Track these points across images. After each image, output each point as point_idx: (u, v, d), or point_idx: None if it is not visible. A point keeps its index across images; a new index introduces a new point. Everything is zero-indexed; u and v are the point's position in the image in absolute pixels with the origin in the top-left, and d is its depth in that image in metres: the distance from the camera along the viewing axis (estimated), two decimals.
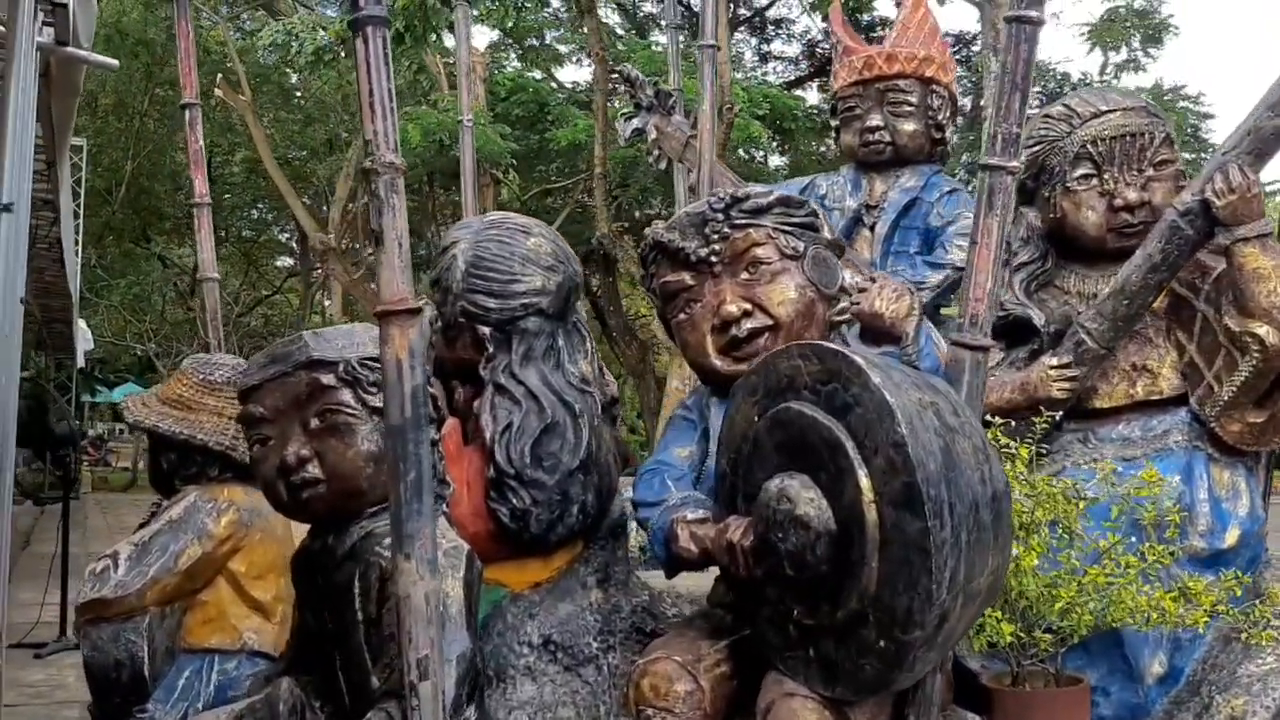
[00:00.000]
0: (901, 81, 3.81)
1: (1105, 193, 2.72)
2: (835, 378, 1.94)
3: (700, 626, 2.36)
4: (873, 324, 2.28)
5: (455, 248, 2.67)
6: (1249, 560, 2.53)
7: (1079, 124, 2.74)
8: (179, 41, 3.73)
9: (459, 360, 2.73)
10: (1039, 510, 2.23)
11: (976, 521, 1.81)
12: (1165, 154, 2.73)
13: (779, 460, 2.04)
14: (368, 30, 1.85)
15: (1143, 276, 2.58)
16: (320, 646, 2.40)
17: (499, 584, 2.76)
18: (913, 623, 1.80)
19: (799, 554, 1.94)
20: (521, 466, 2.57)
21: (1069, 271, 2.84)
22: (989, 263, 2.00)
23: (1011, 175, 2.00)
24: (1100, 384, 2.73)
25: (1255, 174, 2.45)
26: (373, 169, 1.84)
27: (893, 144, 3.85)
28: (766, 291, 2.43)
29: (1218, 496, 2.55)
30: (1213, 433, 2.57)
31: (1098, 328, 2.63)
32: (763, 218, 2.47)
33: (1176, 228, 2.53)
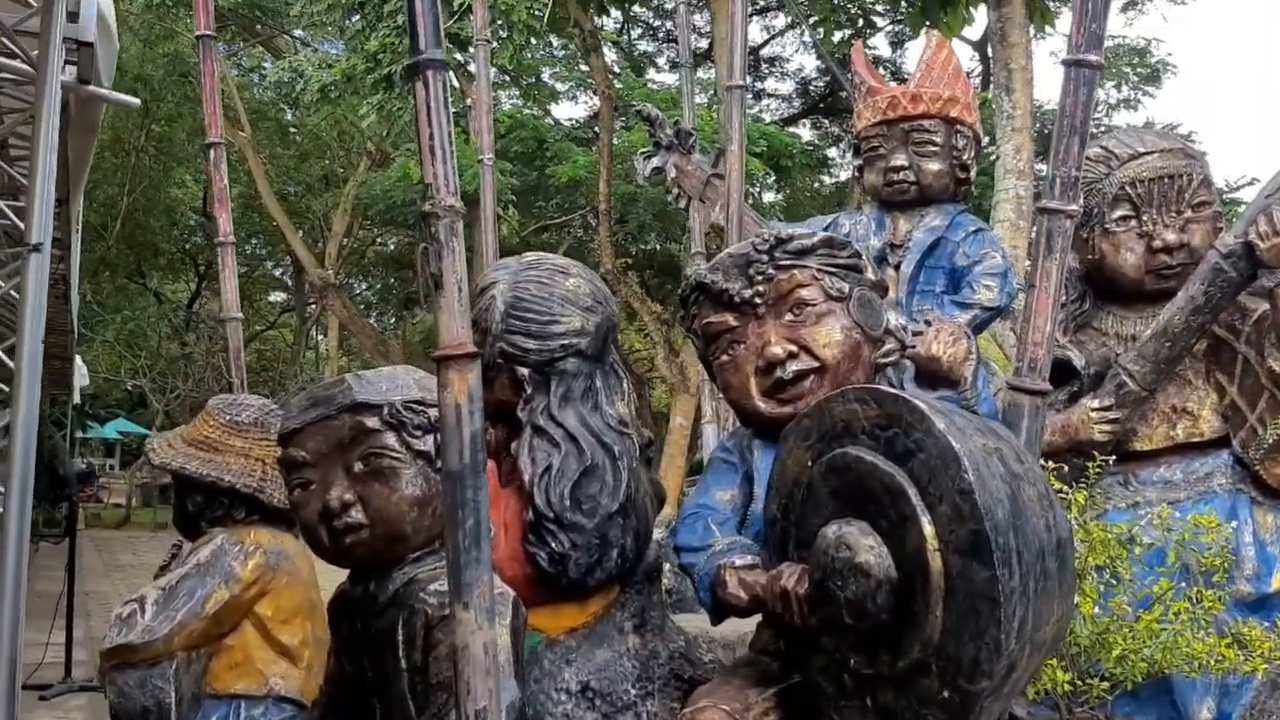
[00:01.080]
0: (926, 121, 3.82)
1: (1144, 234, 2.72)
2: (896, 422, 1.92)
3: (746, 674, 2.33)
4: (929, 367, 2.27)
5: (494, 288, 2.66)
6: None
7: (1117, 166, 2.75)
8: (204, 81, 3.73)
9: (496, 402, 2.70)
10: (1090, 556, 2.20)
11: (1043, 570, 1.79)
12: (1203, 195, 2.73)
13: (835, 506, 2.01)
14: (427, 74, 1.84)
15: (1184, 318, 2.57)
16: (358, 694, 2.36)
17: (535, 629, 2.72)
18: (980, 673, 1.76)
19: (859, 602, 1.90)
20: (561, 510, 2.54)
21: (1106, 313, 2.84)
22: (1048, 306, 1.99)
23: (1070, 219, 1.99)
24: (1140, 426, 2.72)
25: None
26: (433, 212, 1.82)
27: (917, 183, 3.85)
28: (812, 333, 2.41)
29: (1262, 540, 2.53)
30: (1256, 475, 2.56)
31: (1140, 370, 2.62)
32: (807, 259, 2.46)
33: (1220, 269, 2.53)
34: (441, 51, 1.88)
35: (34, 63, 3.22)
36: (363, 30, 10.31)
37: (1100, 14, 1.92)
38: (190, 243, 28.63)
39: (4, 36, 3.11)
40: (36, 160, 3.00)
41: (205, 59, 3.74)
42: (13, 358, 2.86)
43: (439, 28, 1.88)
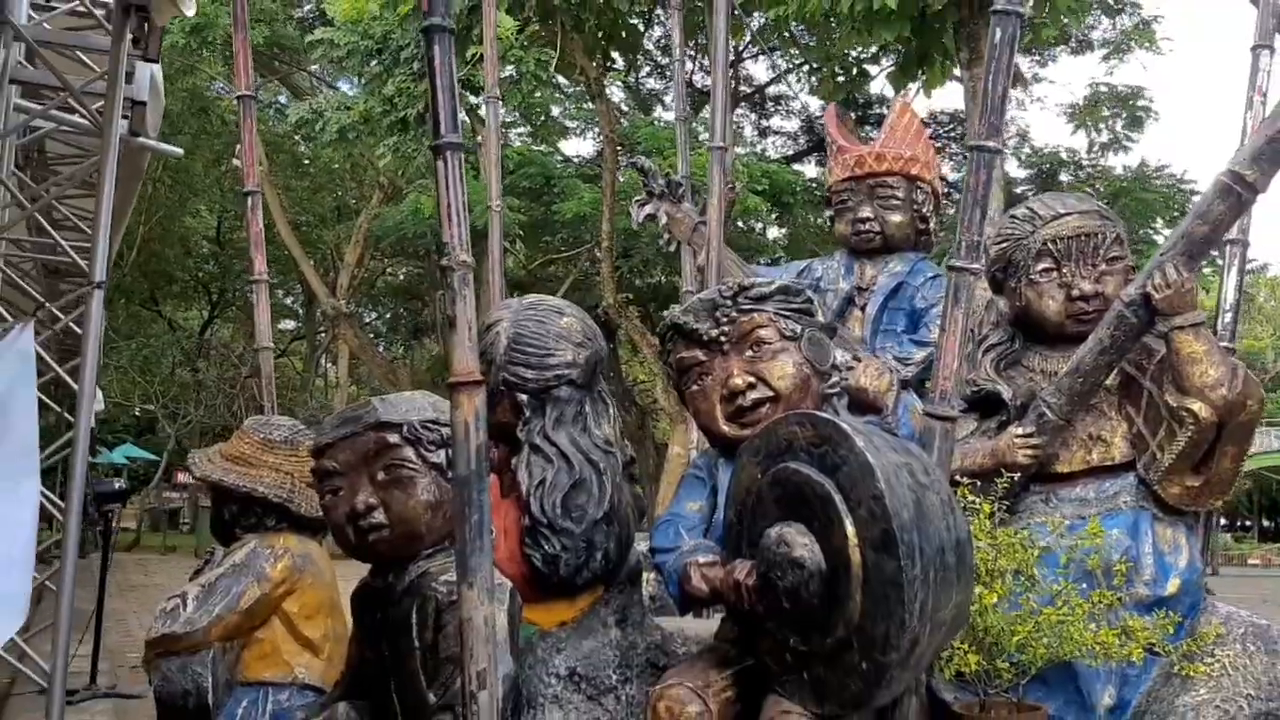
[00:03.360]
0: (889, 178, 4.25)
1: (1064, 284, 3.12)
2: (827, 441, 2.32)
3: (709, 658, 2.72)
4: (858, 397, 2.66)
5: (498, 325, 3.07)
6: (1190, 606, 2.89)
7: (1040, 224, 3.15)
8: (243, 135, 4.17)
9: (498, 424, 3.11)
10: (1001, 559, 2.60)
11: (943, 562, 2.18)
12: (1116, 251, 3.13)
13: (778, 512, 2.41)
14: (446, 154, 2.27)
15: (1094, 358, 2.97)
16: (377, 676, 2.75)
17: (530, 622, 3.11)
18: (890, 646, 2.16)
19: (795, 590, 2.30)
20: (554, 517, 2.94)
21: (1034, 352, 3.23)
22: (955, 347, 2.39)
23: (974, 276, 2.40)
24: (1061, 451, 3.10)
25: (1189, 271, 2.85)
26: (449, 266, 2.25)
27: (882, 233, 4.28)
28: (768, 367, 2.83)
29: (1161, 550, 2.91)
30: (1156, 494, 2.94)
31: (1057, 402, 3.02)
32: (765, 304, 2.87)
33: (1123, 316, 2.93)
34: (459, 135, 2.31)
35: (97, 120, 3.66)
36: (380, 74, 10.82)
37: (998, 110, 2.34)
38: (203, 271, 29.16)
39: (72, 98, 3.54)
40: (101, 206, 3.42)
41: (245, 117, 4.18)
42: (75, 378, 3.25)
43: (456, 115, 2.32)
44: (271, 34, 16.43)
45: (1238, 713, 2.65)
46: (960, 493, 2.69)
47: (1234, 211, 2.81)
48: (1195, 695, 2.70)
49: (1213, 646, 2.78)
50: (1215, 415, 2.80)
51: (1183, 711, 2.67)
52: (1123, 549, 2.88)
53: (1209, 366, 2.82)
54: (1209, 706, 2.66)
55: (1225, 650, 2.77)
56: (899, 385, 2.70)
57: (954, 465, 3.09)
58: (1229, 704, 2.66)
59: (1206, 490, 2.90)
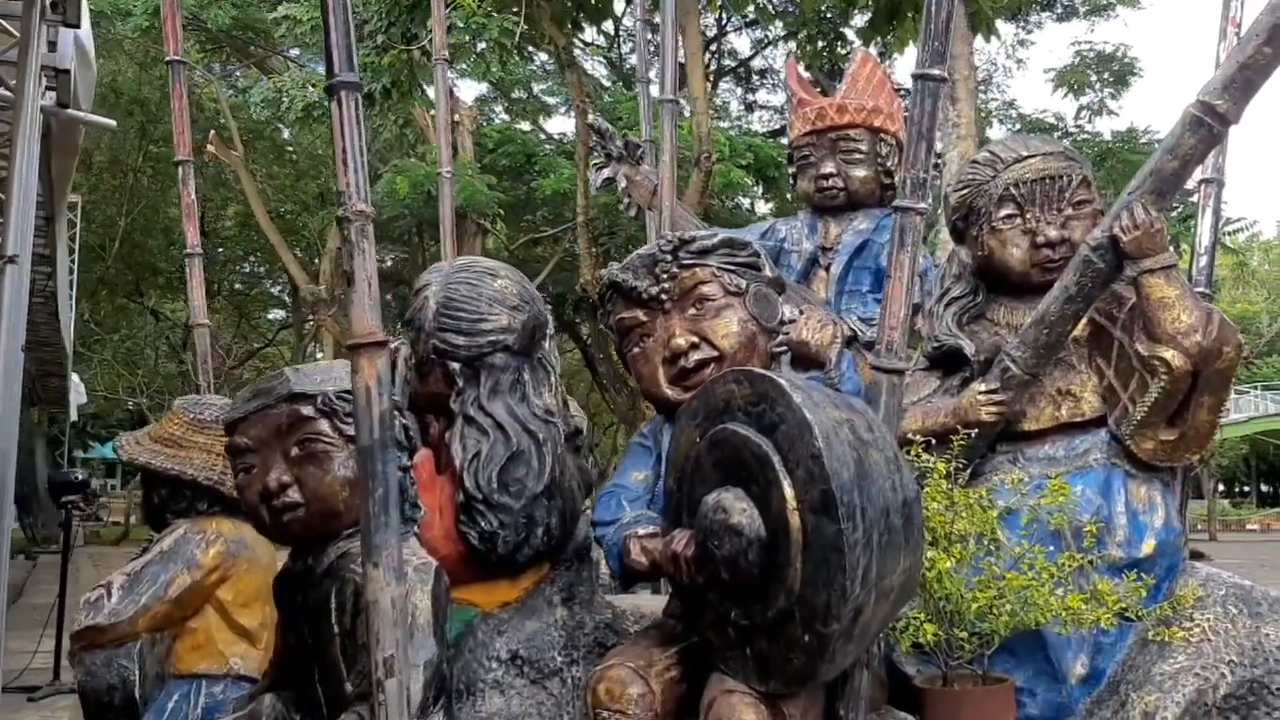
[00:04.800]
0: (852, 131, 4.06)
1: (1028, 231, 2.94)
2: (764, 399, 2.15)
3: (654, 635, 2.55)
4: (800, 351, 2.49)
5: (427, 290, 2.89)
6: (1167, 568, 2.72)
7: (1002, 169, 2.97)
8: (173, 103, 3.97)
9: (431, 395, 2.93)
10: (959, 521, 2.42)
11: (888, 525, 2.01)
12: (1083, 194, 2.95)
13: (717, 476, 2.24)
14: (341, 94, 2.08)
15: (1060, 307, 2.78)
16: (300, 662, 2.58)
17: (470, 604, 2.94)
18: (831, 616, 1.99)
19: (733, 559, 2.13)
20: (489, 492, 2.76)
21: (998, 304, 3.05)
22: (901, 295, 2.21)
23: (920, 215, 2.22)
24: (1029, 408, 2.92)
25: (1158, 211, 2.67)
26: (345, 217, 2.06)
27: (845, 189, 4.09)
28: (712, 326, 2.65)
29: (1135, 510, 2.74)
30: (1129, 450, 2.76)
31: (1022, 355, 2.84)
32: (708, 258, 2.69)
33: (1089, 262, 2.75)
34: (355, 74, 2.12)
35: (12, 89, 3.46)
36: None
37: (941, 34, 2.15)
38: None
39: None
40: (12, 178, 3.23)
41: (175, 83, 3.98)
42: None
43: (352, 54, 2.13)
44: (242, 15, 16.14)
45: (1219, 680, 2.48)
46: (913, 451, 2.52)
47: (1205, 145, 2.62)
48: (1173, 662, 2.53)
49: (1191, 610, 2.61)
50: (1189, 363, 2.62)
51: (1160, 680, 2.50)
52: (1093, 509, 2.71)
53: (1181, 312, 2.64)
54: (1188, 674, 2.49)
55: (1205, 614, 2.60)
56: (844, 339, 2.52)
57: (915, 425, 2.93)
58: (1209, 671, 2.49)
59: (1182, 444, 2.73)
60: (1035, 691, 2.61)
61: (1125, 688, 2.56)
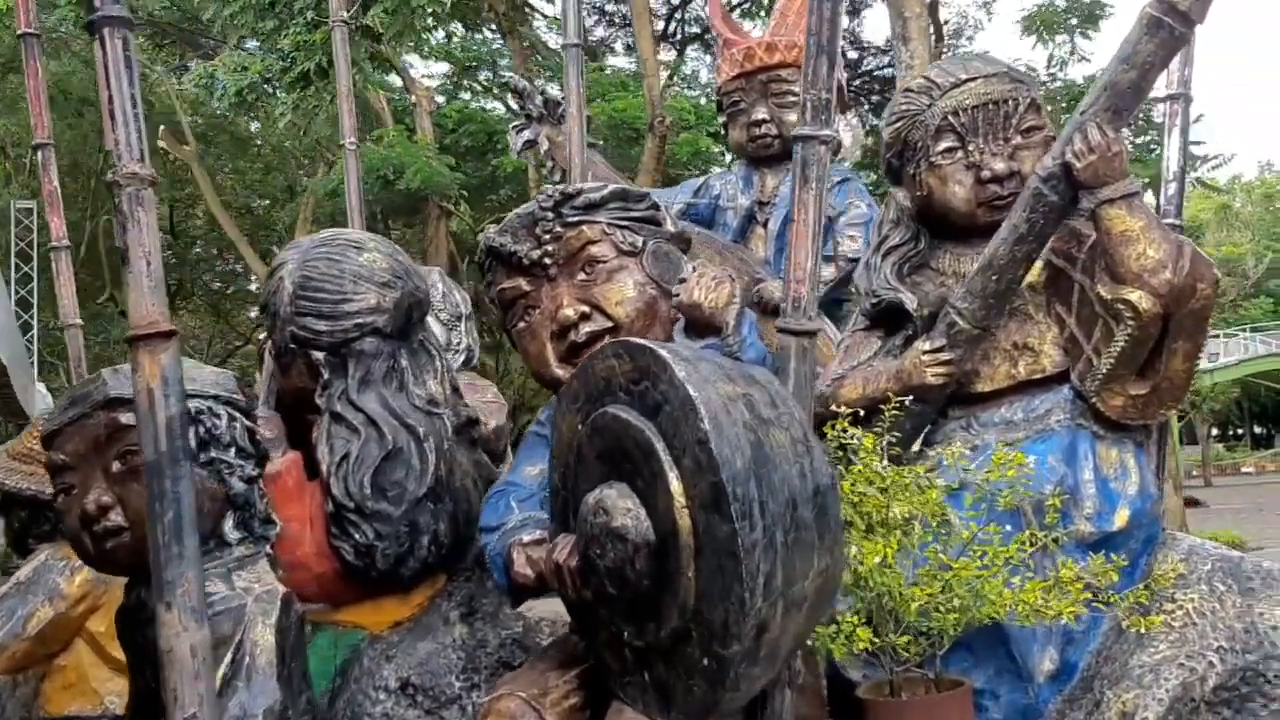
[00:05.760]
0: (783, 71, 3.69)
1: (971, 165, 2.57)
2: (645, 375, 1.78)
3: (553, 657, 2.19)
4: (692, 315, 2.13)
5: (283, 269, 2.52)
6: (1144, 541, 2.37)
7: (939, 95, 2.60)
8: (28, 81, 3.58)
9: (295, 389, 2.57)
10: (896, 504, 2.06)
11: (795, 520, 1.65)
12: (1032, 120, 2.58)
13: (601, 470, 1.88)
14: (105, 32, 1.70)
15: (1009, 249, 2.43)
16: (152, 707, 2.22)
17: (357, 626, 2.59)
18: (730, 635, 1.63)
19: (618, 569, 1.77)
20: (362, 499, 2.40)
21: (943, 251, 2.69)
22: (808, 241, 1.85)
23: (824, 144, 1.85)
24: (982, 366, 2.57)
25: (1115, 131, 2.31)
26: (115, 181, 1.69)
27: (780, 136, 3.73)
28: (604, 291, 2.28)
29: (1105, 476, 2.39)
30: (1096, 409, 2.41)
31: (968, 306, 2.48)
32: (597, 213, 2.32)
33: (1040, 194, 2.38)
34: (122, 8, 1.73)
35: None
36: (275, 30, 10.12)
37: None
38: None
39: None
40: None
41: (29, 59, 3.58)
42: None
43: None
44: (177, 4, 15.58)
45: (1207, 671, 2.13)
46: (839, 425, 2.16)
47: (1166, 50, 2.25)
48: (1154, 652, 2.18)
49: (1173, 590, 2.26)
50: (1159, 305, 2.26)
51: (1139, 674, 2.15)
52: (1056, 478, 2.35)
53: (1147, 246, 2.28)
54: (1171, 665, 2.14)
55: (1189, 593, 2.24)
56: (742, 298, 2.15)
57: (855, 393, 2.58)
58: (1195, 660, 2.14)
59: (1155, 399, 2.37)
60: (998, 693, 2.27)
61: (1100, 683, 2.21)
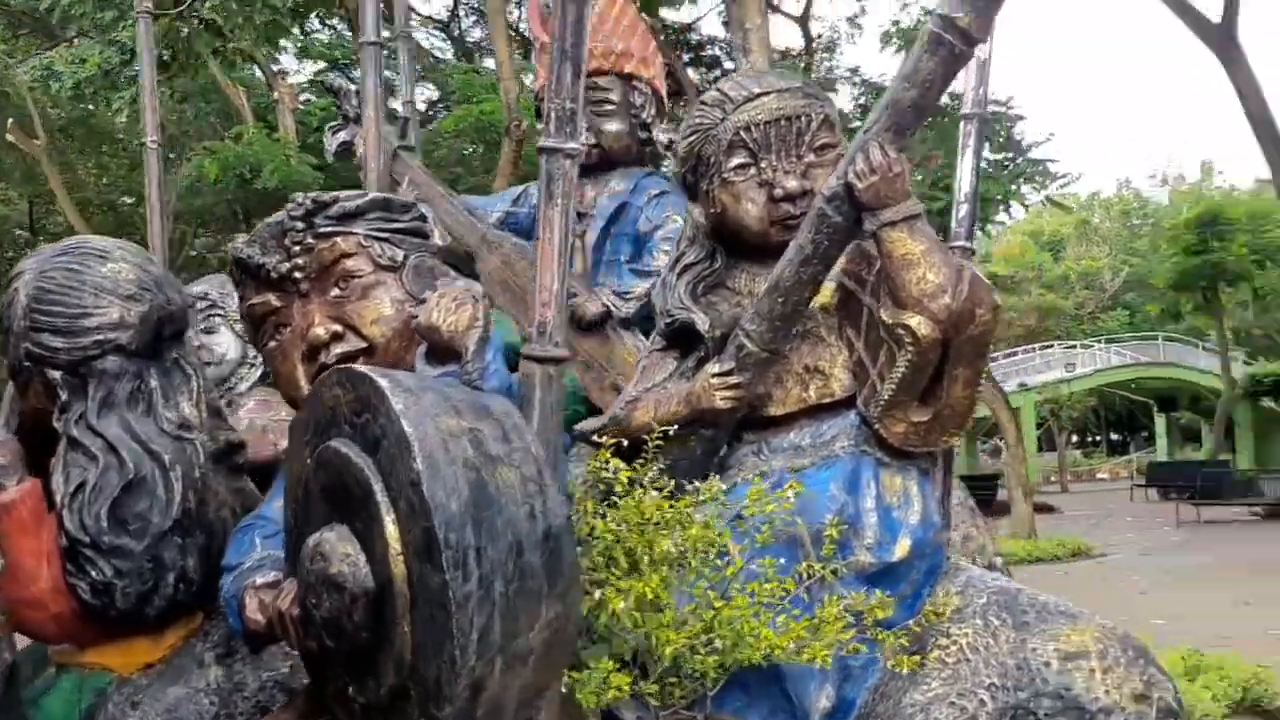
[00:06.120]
0: (600, 79, 3.58)
1: (764, 183, 2.50)
2: (366, 406, 1.64)
3: (296, 707, 2.03)
4: (430, 339, 2.00)
5: (19, 280, 2.30)
6: (926, 572, 2.32)
7: (731, 110, 2.52)
8: None
9: (34, 411, 2.35)
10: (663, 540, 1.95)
11: (519, 567, 1.53)
12: (826, 137, 2.52)
13: (325, 509, 1.73)
14: None
15: (795, 271, 2.35)
16: None
17: (104, 668, 2.38)
18: (443, 696, 1.50)
19: (334, 621, 1.62)
20: (98, 533, 2.20)
21: (740, 271, 2.61)
22: (554, 261, 1.73)
23: (570, 158, 1.73)
24: (775, 389, 2.50)
25: (897, 151, 2.25)
26: None
27: (598, 145, 3.62)
28: (358, 309, 2.13)
29: (888, 505, 2.33)
30: (880, 435, 2.35)
31: (756, 329, 2.40)
32: (353, 224, 2.17)
33: (824, 215, 2.32)
34: None
35: None
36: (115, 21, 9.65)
37: None
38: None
39: None
40: None
41: None
42: None
43: None
44: None
45: (978, 709, 2.07)
46: (602, 456, 2.04)
47: (947, 68, 2.20)
48: (927, 689, 2.12)
49: (948, 624, 2.21)
50: (938, 331, 2.21)
51: (910, 713, 2.08)
52: (837, 507, 2.28)
53: (928, 270, 2.23)
54: (942, 704, 2.08)
55: (963, 628, 2.19)
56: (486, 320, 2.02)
57: (646, 417, 2.49)
58: (967, 699, 2.08)
59: (937, 425, 2.32)
60: None
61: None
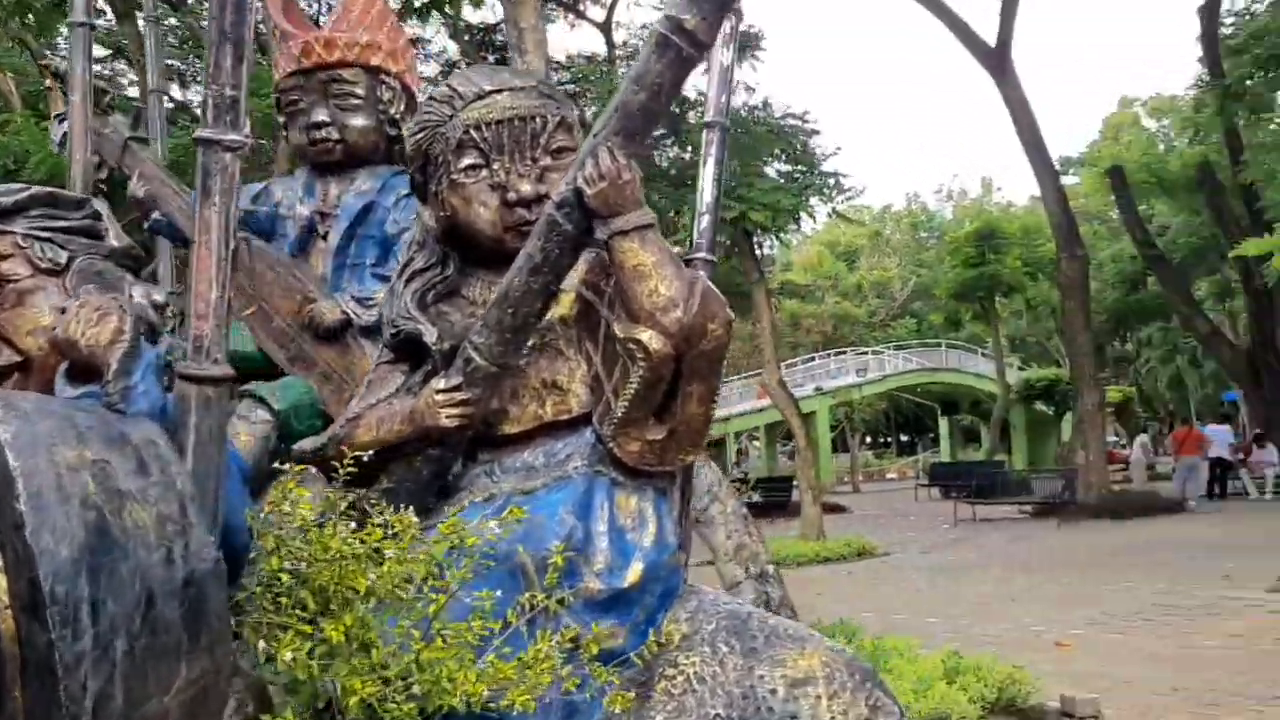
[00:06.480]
0: (345, 71, 3.37)
1: (497, 186, 2.36)
2: None
3: None
4: (70, 355, 1.77)
5: None
6: (661, 596, 2.22)
7: (461, 106, 2.37)
8: None
9: None
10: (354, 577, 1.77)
11: (150, 621, 1.32)
12: (563, 140, 2.39)
13: None
14: None
15: (524, 280, 2.22)
16: None
17: None
18: None
19: None
20: None
21: (475, 279, 2.46)
22: (211, 268, 1.53)
23: (231, 151, 1.54)
24: (511, 406, 2.36)
25: (627, 157, 2.15)
26: None
27: (343, 141, 3.41)
28: (11, 318, 1.86)
29: (621, 527, 2.22)
30: (615, 454, 2.24)
31: (484, 341, 2.25)
32: (11, 222, 1.90)
33: (554, 222, 2.19)
34: None
35: None
36: None
37: None
38: None
39: None
40: None
41: None
42: None
43: None
44: None
45: None
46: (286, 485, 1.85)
47: (675, 70, 2.11)
48: None
49: (676, 654, 2.12)
50: (670, 345, 2.12)
51: None
52: (565, 532, 2.15)
53: (659, 283, 2.13)
54: None
55: (691, 657, 2.10)
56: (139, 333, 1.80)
57: (369, 436, 2.31)
58: None
59: (673, 444, 2.23)
60: None
61: None
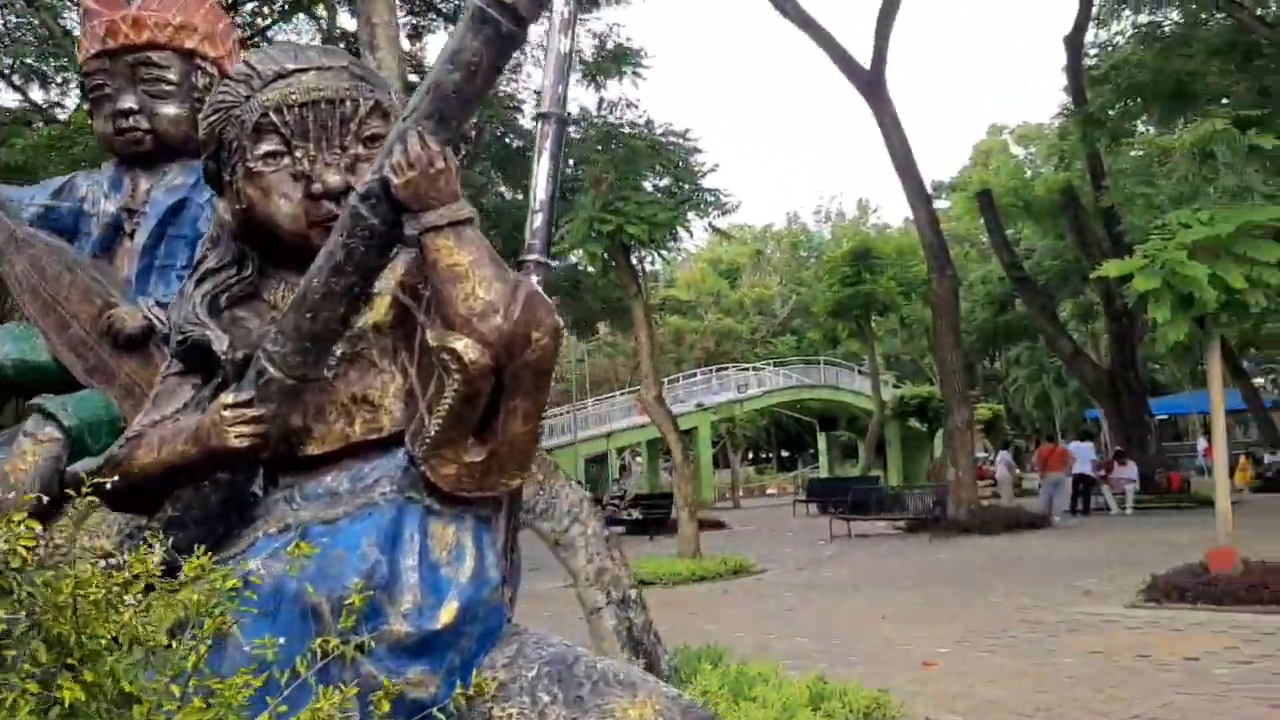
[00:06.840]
0: (155, 54, 3.06)
1: (300, 175, 2.10)
2: None
3: None
4: None
5: None
6: (481, 636, 1.98)
7: (259, 86, 2.10)
8: None
9: None
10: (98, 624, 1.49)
11: None
12: (377, 126, 2.15)
13: None
14: None
15: (325, 281, 1.97)
16: None
17: None
18: None
19: None
20: None
21: (277, 280, 2.19)
22: None
23: None
24: (315, 424, 2.09)
25: (441, 144, 1.91)
26: None
27: (152, 131, 3.09)
28: None
29: (435, 561, 1.97)
30: (429, 478, 1.99)
31: (280, 351, 1.99)
32: None
33: (358, 215, 1.95)
34: None
35: None
36: None
37: None
38: None
39: None
40: None
41: None
42: None
43: None
44: None
45: None
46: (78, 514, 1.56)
47: (493, 50, 1.89)
48: None
49: (490, 705, 1.87)
50: (488, 355, 1.88)
51: None
52: (366, 568, 1.90)
53: (477, 285, 1.90)
54: None
55: (508, 707, 1.86)
56: None
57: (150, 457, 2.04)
58: None
59: (495, 466, 1.99)
60: None
61: None
